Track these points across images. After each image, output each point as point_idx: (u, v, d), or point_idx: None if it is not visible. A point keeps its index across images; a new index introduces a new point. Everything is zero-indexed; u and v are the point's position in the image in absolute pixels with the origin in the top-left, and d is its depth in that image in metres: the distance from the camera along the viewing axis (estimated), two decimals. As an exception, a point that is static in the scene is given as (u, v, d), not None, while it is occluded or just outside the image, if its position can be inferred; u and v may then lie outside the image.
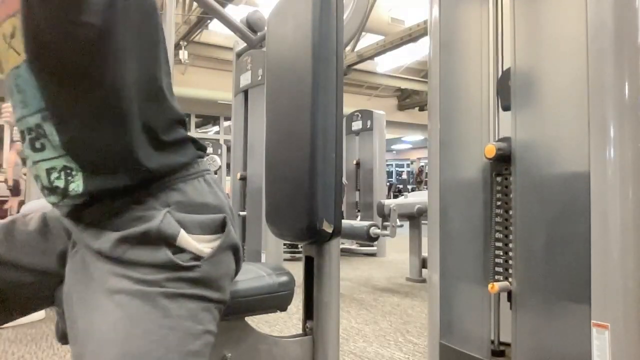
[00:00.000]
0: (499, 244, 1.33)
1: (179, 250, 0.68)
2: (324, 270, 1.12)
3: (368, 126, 5.20)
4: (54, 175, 0.68)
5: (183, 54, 8.78)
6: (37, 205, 2.15)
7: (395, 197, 10.89)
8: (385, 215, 3.55)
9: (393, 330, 2.43)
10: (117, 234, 0.67)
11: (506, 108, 1.31)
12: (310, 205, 1.11)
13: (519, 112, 1.26)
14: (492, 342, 1.35)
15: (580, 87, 1.08)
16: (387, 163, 14.25)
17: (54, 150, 0.67)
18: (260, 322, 2.51)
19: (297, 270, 1.12)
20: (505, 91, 1.31)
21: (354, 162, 5.29)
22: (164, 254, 0.67)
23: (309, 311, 1.14)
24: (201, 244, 0.70)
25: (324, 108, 1.11)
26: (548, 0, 1.21)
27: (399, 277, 3.92)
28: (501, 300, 1.33)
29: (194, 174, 0.74)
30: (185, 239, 0.69)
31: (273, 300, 0.94)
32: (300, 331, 1.15)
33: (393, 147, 20.91)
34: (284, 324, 2.45)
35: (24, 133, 0.69)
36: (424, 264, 3.70)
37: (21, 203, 4.92)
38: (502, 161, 1.31)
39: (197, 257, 0.69)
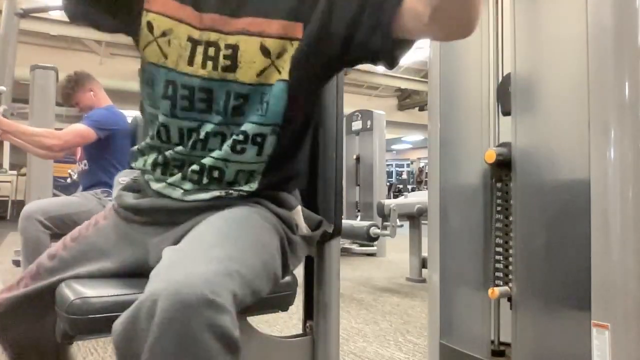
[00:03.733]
0: (499, 249, 1.33)
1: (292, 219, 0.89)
2: (324, 270, 1.12)
3: (368, 126, 5.19)
4: (241, 174, 0.82)
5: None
6: (39, 206, 2.14)
7: (395, 197, 10.88)
8: (385, 215, 3.55)
9: (393, 330, 2.43)
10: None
11: (506, 113, 1.31)
12: (310, 206, 1.11)
13: (519, 117, 1.25)
14: (492, 342, 1.35)
15: (581, 93, 1.08)
16: (387, 163, 14.23)
17: (256, 157, 0.80)
18: (260, 322, 2.50)
19: (297, 270, 1.12)
20: (505, 96, 1.31)
21: (354, 156, 5.28)
22: (285, 211, 0.87)
23: (309, 311, 1.14)
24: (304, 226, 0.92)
25: (324, 108, 1.11)
26: (548, 3, 1.21)
27: (399, 277, 3.92)
28: (501, 301, 1.33)
29: None
30: (298, 213, 0.91)
31: (275, 300, 0.93)
32: (300, 331, 1.15)
33: (393, 147, 20.90)
34: (284, 324, 2.45)
35: (216, 135, 0.80)
36: (424, 264, 3.69)
37: (21, 203, 4.92)
38: (502, 166, 1.30)
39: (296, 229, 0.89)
